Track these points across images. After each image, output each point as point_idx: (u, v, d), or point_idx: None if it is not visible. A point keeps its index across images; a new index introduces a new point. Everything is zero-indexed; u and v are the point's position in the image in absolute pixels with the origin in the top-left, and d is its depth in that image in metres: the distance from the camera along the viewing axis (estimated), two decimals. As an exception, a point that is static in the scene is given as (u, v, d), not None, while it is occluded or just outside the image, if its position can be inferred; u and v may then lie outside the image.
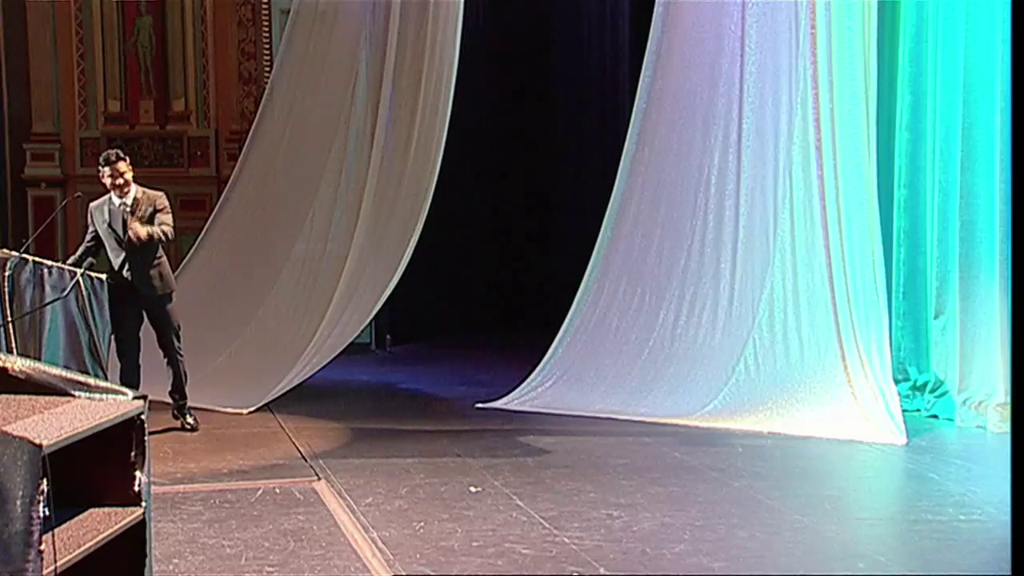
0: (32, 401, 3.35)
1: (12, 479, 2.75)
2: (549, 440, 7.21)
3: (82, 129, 11.42)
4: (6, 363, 3.46)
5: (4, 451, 2.76)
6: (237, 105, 11.11)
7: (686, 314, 7.98)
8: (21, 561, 2.71)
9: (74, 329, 7.11)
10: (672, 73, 8.23)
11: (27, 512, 2.73)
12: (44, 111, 11.43)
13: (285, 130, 9.92)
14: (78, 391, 3.46)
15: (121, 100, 11.34)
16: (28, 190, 11.52)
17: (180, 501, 5.88)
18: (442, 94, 9.05)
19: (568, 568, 4.88)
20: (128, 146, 11.38)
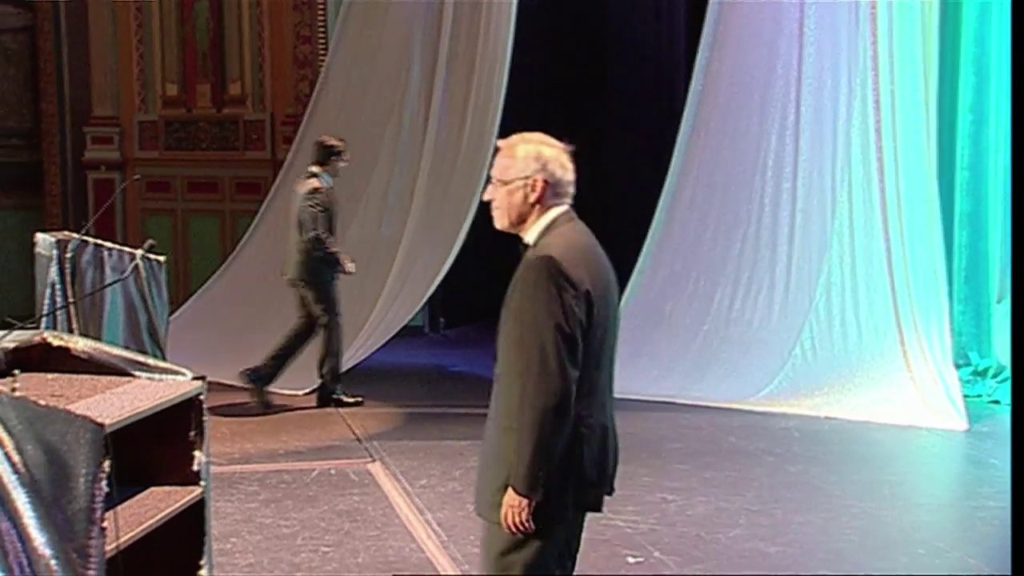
0: (94, 381, 3.39)
1: (75, 457, 2.78)
2: (601, 422, 7.19)
3: (141, 113, 11.54)
4: (69, 343, 3.50)
5: (67, 430, 2.80)
6: (292, 89, 11.15)
7: (741, 298, 7.92)
8: (84, 538, 2.75)
9: (133, 310, 7.18)
10: (729, 55, 8.15)
11: (90, 490, 2.77)
12: (104, 95, 11.57)
13: (340, 113, 9.96)
14: (138, 371, 3.50)
15: (179, 84, 11.44)
16: (88, 173, 11.68)
17: (237, 481, 5.95)
18: (496, 77, 9.04)
19: (622, 551, 4.87)
20: (185, 129, 11.52)
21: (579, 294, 2.90)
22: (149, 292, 7.20)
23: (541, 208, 3.04)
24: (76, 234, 6.87)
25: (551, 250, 2.95)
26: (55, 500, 2.75)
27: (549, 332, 2.86)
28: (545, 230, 3.03)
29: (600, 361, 2.98)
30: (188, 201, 11.49)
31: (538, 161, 3.06)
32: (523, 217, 3.05)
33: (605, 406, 3.04)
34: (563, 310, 2.87)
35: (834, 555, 4.83)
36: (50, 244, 6.15)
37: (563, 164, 3.09)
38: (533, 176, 3.03)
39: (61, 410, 2.85)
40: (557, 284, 2.89)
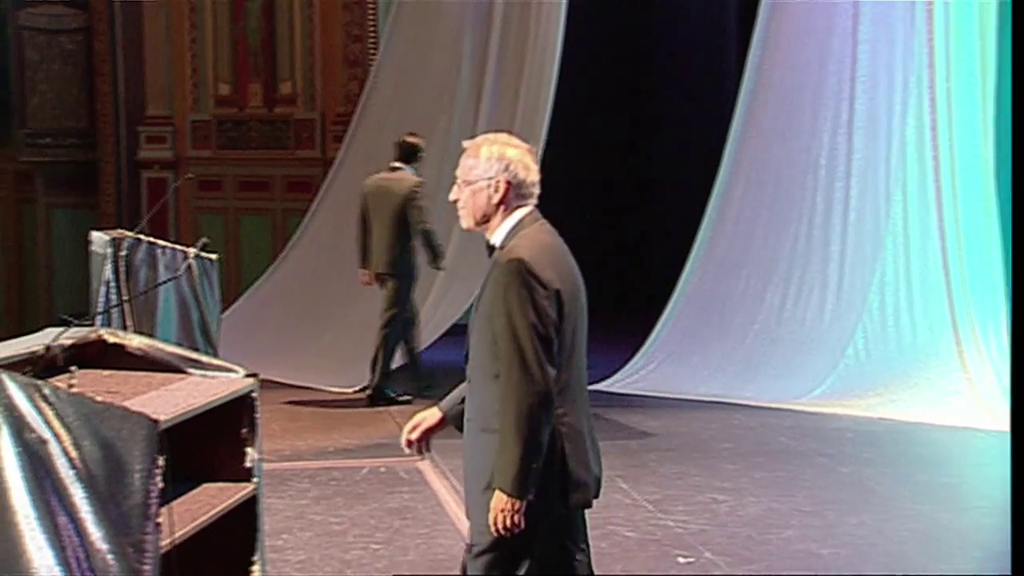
0: (149, 378, 3.41)
1: (131, 453, 2.80)
2: (653, 423, 7.16)
3: (193, 112, 11.66)
4: (124, 340, 3.54)
5: (123, 426, 2.82)
6: (343, 88, 11.21)
7: (793, 297, 7.84)
8: (140, 533, 2.77)
9: (186, 308, 7.25)
10: (781, 52, 8.08)
11: (145, 485, 2.79)
12: (158, 94, 11.69)
13: (390, 112, 9.99)
14: (192, 368, 3.53)
15: (231, 83, 11.54)
16: (142, 172, 11.81)
17: (288, 478, 5.98)
18: (545, 76, 9.03)
19: (673, 552, 4.84)
20: (237, 129, 11.62)
21: (550, 294, 2.94)
22: (202, 290, 7.26)
23: (506, 209, 3.07)
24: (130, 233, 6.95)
25: (520, 252, 2.98)
26: (111, 495, 2.78)
27: (525, 333, 2.90)
28: (511, 231, 3.06)
29: (572, 359, 3.01)
30: (239, 200, 11.58)
31: (501, 162, 3.07)
32: (487, 217, 3.08)
33: (580, 404, 3.07)
34: (536, 311, 2.91)
35: (889, 557, 4.77)
36: (105, 243, 6.22)
37: (526, 165, 3.10)
38: (496, 177, 3.06)
39: (117, 406, 2.88)
40: (528, 285, 2.92)
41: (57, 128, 12.10)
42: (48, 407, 2.80)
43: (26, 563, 2.75)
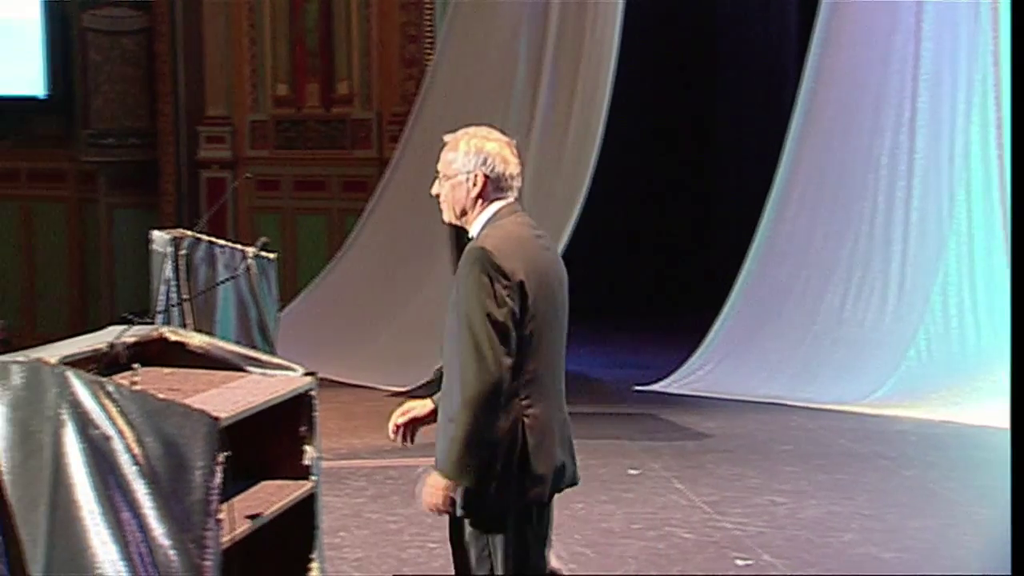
0: (209, 375, 3.44)
1: (192, 450, 2.83)
2: (709, 424, 7.10)
3: (252, 112, 11.76)
4: (185, 339, 3.57)
5: (185, 423, 2.85)
6: (399, 87, 11.24)
7: (853, 298, 7.75)
8: (201, 529, 2.79)
9: (244, 307, 7.31)
10: (842, 51, 7.98)
11: (206, 482, 2.81)
12: (217, 95, 11.81)
13: (446, 112, 10.00)
14: (251, 367, 3.55)
15: (289, 84, 11.62)
16: (201, 171, 11.93)
17: (345, 476, 6.01)
18: (601, 74, 9.00)
19: (731, 554, 4.80)
20: (294, 128, 11.70)
21: (511, 284, 2.95)
22: (260, 289, 7.32)
23: (483, 202, 3.10)
24: (190, 232, 7.02)
25: (485, 241, 3.02)
26: (173, 492, 2.80)
27: (480, 321, 2.93)
28: (487, 223, 3.09)
29: (540, 351, 3.02)
30: (296, 200, 11.66)
31: (479, 156, 3.10)
32: (466, 211, 3.12)
33: (551, 396, 3.07)
34: (494, 299, 2.93)
35: (954, 562, 4.69)
36: (165, 241, 6.28)
37: (505, 159, 3.13)
38: (474, 171, 3.09)
39: (179, 404, 2.90)
40: (488, 274, 2.95)
41: (119, 128, 12.26)
42: (112, 404, 2.84)
43: (91, 557, 2.78)
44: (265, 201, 11.71)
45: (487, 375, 2.91)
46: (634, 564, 4.74)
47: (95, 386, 2.86)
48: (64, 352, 3.06)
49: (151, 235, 6.47)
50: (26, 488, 2.85)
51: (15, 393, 2.88)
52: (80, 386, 2.85)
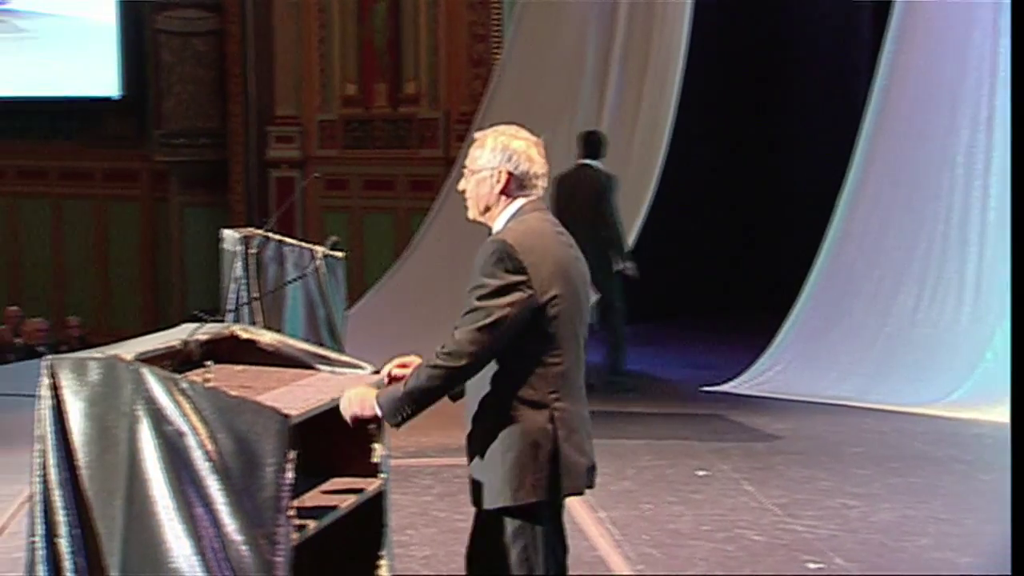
0: (279, 373, 3.47)
1: (263, 447, 2.85)
2: (779, 426, 7.02)
3: (321, 112, 11.86)
4: (256, 337, 3.60)
5: (256, 420, 2.87)
6: (466, 87, 11.27)
7: (928, 299, 7.60)
8: (272, 525, 2.81)
9: (312, 305, 7.35)
10: (917, 47, 7.84)
11: (277, 479, 2.83)
12: (287, 95, 11.93)
13: (513, 111, 9.97)
14: (321, 365, 3.57)
15: (357, 83, 11.70)
16: (270, 171, 12.06)
17: (412, 474, 6.02)
18: (669, 75, 8.95)
19: (802, 557, 4.73)
20: (362, 128, 11.78)
21: (527, 280, 2.98)
22: (328, 288, 7.36)
23: (507, 199, 3.12)
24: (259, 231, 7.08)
25: (506, 235, 3.05)
26: (245, 488, 2.82)
27: (478, 307, 2.96)
28: (510, 219, 3.11)
29: (566, 347, 3.05)
30: (364, 199, 11.75)
31: (505, 153, 3.12)
32: (489, 207, 3.14)
33: (576, 392, 3.10)
34: (502, 291, 2.96)
35: (1031, 570, 4.58)
36: (235, 240, 6.33)
37: (530, 157, 3.13)
38: (499, 167, 3.11)
39: (250, 401, 2.93)
40: (505, 268, 2.97)
41: (190, 128, 12.44)
42: (186, 400, 2.87)
43: (165, 551, 2.82)
44: (333, 200, 11.81)
45: (472, 355, 2.96)
46: (703, 566, 4.69)
47: (169, 383, 2.89)
48: (139, 349, 3.10)
49: (222, 234, 6.53)
50: (103, 482, 2.89)
51: (92, 389, 2.92)
52: (155, 383, 2.89)
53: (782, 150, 11.55)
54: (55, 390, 2.94)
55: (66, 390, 2.93)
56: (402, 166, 11.45)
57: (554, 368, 3.02)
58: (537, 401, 3.01)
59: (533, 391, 3.02)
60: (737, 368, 8.16)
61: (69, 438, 2.92)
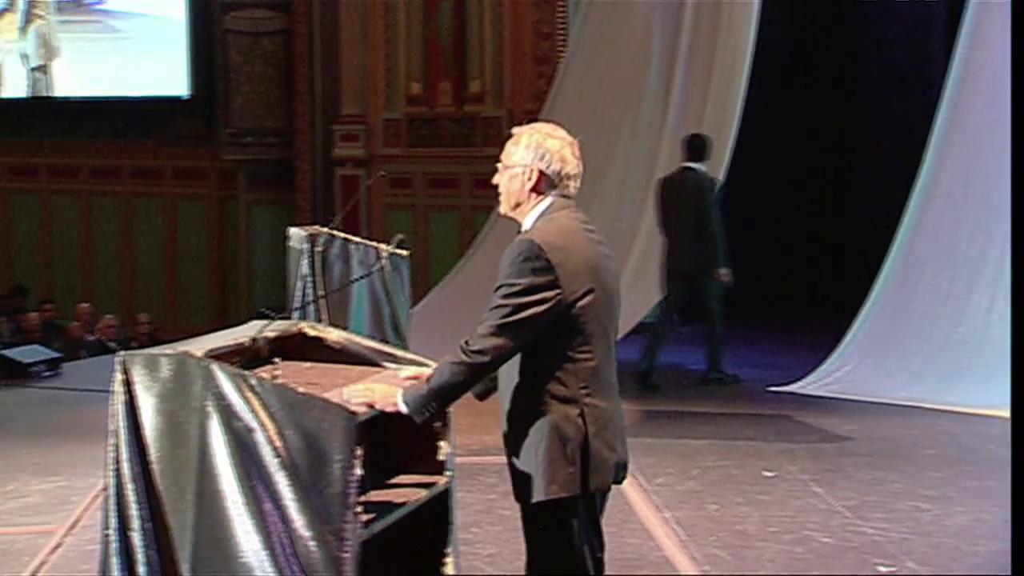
0: (346, 370, 3.48)
1: (330, 444, 2.86)
2: (848, 427, 6.91)
3: (386, 111, 11.92)
4: (323, 334, 3.61)
5: (323, 417, 2.88)
6: (531, 85, 11.26)
7: (1003, 299, 7.43)
8: (339, 521, 2.82)
9: (377, 303, 7.39)
10: (991, 44, 7.69)
11: (344, 476, 2.84)
12: (352, 94, 12.01)
13: (577, 110, 9.97)
14: (387, 362, 3.57)
15: (422, 82, 11.74)
16: (336, 169, 12.15)
17: (477, 472, 6.01)
18: (736, 74, 8.87)
19: (872, 560, 4.65)
20: (427, 127, 11.82)
21: (556, 278, 3.00)
22: (393, 285, 7.39)
23: (537, 196, 3.15)
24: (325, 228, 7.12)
25: (535, 234, 3.07)
26: (313, 484, 2.84)
27: (503, 304, 2.98)
28: (539, 216, 3.14)
29: (597, 343, 3.07)
30: (428, 197, 11.78)
31: (538, 151, 3.15)
32: (519, 203, 3.18)
33: (608, 388, 3.12)
34: (527, 288, 2.98)
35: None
36: (302, 238, 6.38)
37: (563, 157, 3.16)
38: (531, 165, 3.14)
39: (318, 398, 2.94)
40: (532, 267, 2.99)
41: (258, 127, 12.58)
42: (255, 397, 2.88)
43: (235, 546, 2.84)
44: (398, 198, 11.87)
45: (494, 351, 2.98)
46: (771, 568, 4.63)
47: (238, 379, 2.91)
48: (209, 346, 3.12)
49: (288, 232, 6.59)
50: (174, 477, 2.92)
51: (164, 385, 2.95)
52: (224, 379, 2.91)
53: (852, 147, 11.39)
54: (128, 386, 2.97)
55: (138, 386, 2.97)
56: (466, 164, 11.46)
57: (584, 364, 3.05)
58: (568, 397, 3.05)
59: (564, 387, 3.05)
60: (805, 368, 8.06)
61: (141, 433, 2.96)
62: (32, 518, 5.46)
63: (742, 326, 10.63)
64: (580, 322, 3.03)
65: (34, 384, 8.90)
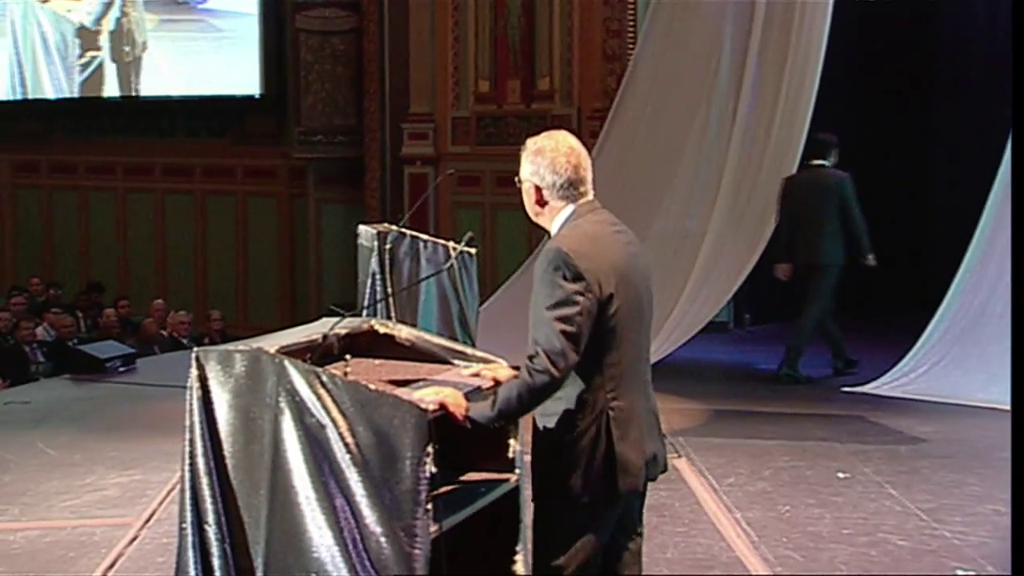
0: (416, 367, 3.48)
1: (402, 441, 2.86)
2: (925, 428, 6.79)
3: (454, 109, 11.95)
4: (393, 331, 3.62)
5: (395, 414, 2.88)
6: (600, 83, 11.21)
7: (1085, 298, 7.24)
8: (411, 517, 2.82)
9: (446, 300, 7.40)
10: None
11: (415, 472, 2.84)
12: (421, 92, 12.05)
13: (646, 107, 9.91)
14: (457, 359, 3.57)
15: (490, 80, 11.75)
16: (405, 167, 12.20)
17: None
18: (809, 68, 8.74)
19: (950, 564, 4.56)
20: (495, 125, 11.83)
21: (587, 284, 3.00)
22: (461, 283, 7.40)
23: (551, 206, 3.18)
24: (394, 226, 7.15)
25: (562, 242, 3.08)
26: (384, 480, 2.84)
27: (552, 319, 2.98)
28: (564, 223, 3.16)
29: (623, 345, 3.08)
30: (496, 195, 11.78)
31: (533, 164, 3.19)
32: (538, 213, 3.22)
33: (636, 388, 3.14)
34: (567, 300, 2.98)
35: None
36: (371, 236, 6.41)
37: (554, 168, 3.16)
38: (528, 179, 3.20)
39: (389, 395, 2.94)
40: (564, 276, 3.00)
41: (328, 126, 12.69)
42: (326, 393, 2.90)
43: (307, 541, 2.85)
44: (466, 197, 11.89)
45: (554, 370, 2.97)
46: (844, 570, 4.56)
47: (311, 375, 2.92)
48: (281, 342, 3.14)
49: (357, 229, 6.62)
50: (248, 472, 2.94)
51: (237, 381, 2.98)
52: (297, 375, 2.92)
53: (928, 145, 11.18)
54: (202, 381, 3.00)
55: (213, 381, 3.00)
56: (534, 163, 11.44)
57: (612, 368, 3.08)
58: (594, 401, 3.08)
59: (590, 391, 3.08)
60: (879, 368, 7.93)
61: (216, 428, 2.98)
62: (109, 510, 5.55)
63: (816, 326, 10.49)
64: (608, 326, 3.05)
65: (110, 379, 9.06)
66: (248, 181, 13.91)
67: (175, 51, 13.99)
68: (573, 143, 3.20)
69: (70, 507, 5.62)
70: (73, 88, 14.44)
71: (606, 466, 3.07)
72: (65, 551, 4.97)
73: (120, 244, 14.65)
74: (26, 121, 15.07)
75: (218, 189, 14.04)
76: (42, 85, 14.64)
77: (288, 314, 12.97)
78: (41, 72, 14.63)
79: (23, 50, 14.74)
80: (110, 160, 14.62)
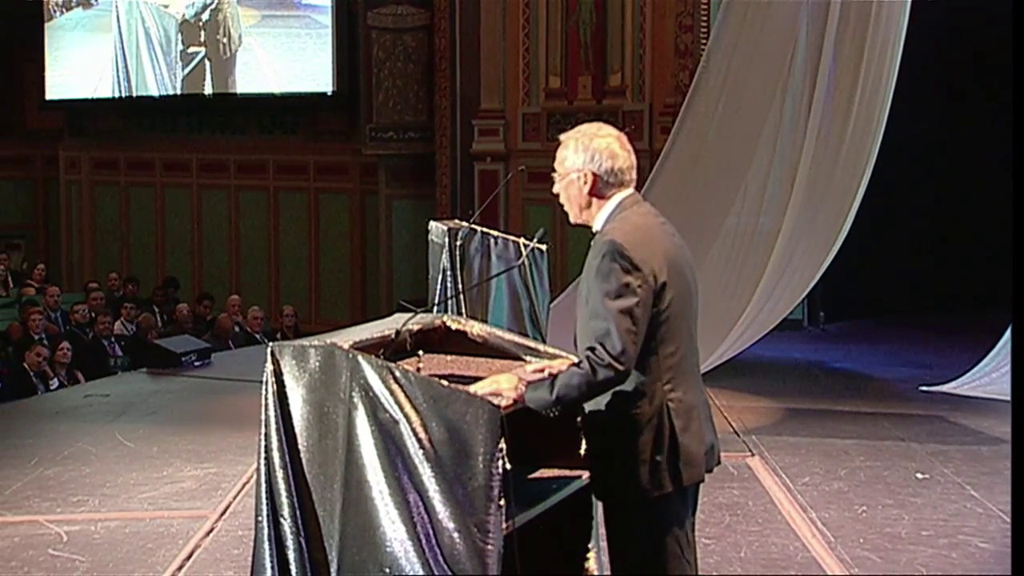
0: (488, 363, 3.46)
1: (474, 437, 2.85)
2: (1006, 429, 6.63)
3: (524, 105, 11.94)
4: (466, 327, 3.61)
5: (467, 410, 2.87)
6: (672, 79, 11.13)
7: None
8: (483, 513, 2.81)
9: (516, 297, 7.39)
10: None
11: (488, 468, 2.83)
12: (491, 88, 12.07)
13: (719, 103, 9.80)
14: (529, 356, 3.54)
15: (561, 76, 11.73)
16: (475, 163, 12.22)
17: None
18: (887, 63, 8.58)
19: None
20: (566, 121, 11.78)
21: (643, 275, 2.99)
22: (532, 280, 7.39)
23: (600, 197, 3.15)
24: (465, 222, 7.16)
25: (614, 234, 3.04)
26: (457, 476, 2.83)
27: (610, 310, 2.94)
28: (610, 215, 3.13)
29: (677, 336, 3.07)
30: (567, 192, 11.75)
31: (587, 153, 3.15)
32: (583, 207, 3.17)
33: (691, 379, 3.12)
34: (625, 290, 2.96)
35: None
36: (442, 232, 6.42)
37: (613, 153, 3.14)
38: (583, 169, 3.14)
39: (462, 391, 2.93)
40: (621, 267, 2.98)
41: (399, 122, 12.76)
42: (399, 389, 2.89)
43: (381, 536, 2.85)
44: (536, 193, 11.86)
45: (618, 365, 2.93)
46: (924, 572, 4.47)
47: (384, 371, 2.92)
48: (354, 338, 3.15)
49: (429, 226, 6.63)
50: (322, 466, 2.95)
51: (311, 376, 2.99)
52: (370, 370, 2.93)
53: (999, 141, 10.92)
54: (277, 376, 3.02)
55: (287, 376, 3.01)
56: (606, 159, 11.39)
57: (668, 359, 3.06)
58: (653, 393, 3.06)
59: (648, 383, 3.05)
60: (959, 368, 7.78)
61: (290, 422, 3.00)
62: (185, 503, 5.63)
63: (895, 324, 10.34)
64: (662, 317, 3.04)
65: (185, 373, 9.20)
66: (320, 178, 14.04)
67: (275, 47, 14.03)
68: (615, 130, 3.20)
69: (148, 499, 5.71)
70: (176, 84, 14.56)
71: (671, 458, 3.05)
72: (144, 542, 5.05)
73: (195, 240, 14.88)
74: (104, 119, 15.37)
75: (291, 186, 14.19)
76: (146, 82, 14.75)
77: (359, 310, 13.07)
78: (146, 68, 14.75)
79: (128, 47, 14.89)
80: (185, 157, 14.85)
